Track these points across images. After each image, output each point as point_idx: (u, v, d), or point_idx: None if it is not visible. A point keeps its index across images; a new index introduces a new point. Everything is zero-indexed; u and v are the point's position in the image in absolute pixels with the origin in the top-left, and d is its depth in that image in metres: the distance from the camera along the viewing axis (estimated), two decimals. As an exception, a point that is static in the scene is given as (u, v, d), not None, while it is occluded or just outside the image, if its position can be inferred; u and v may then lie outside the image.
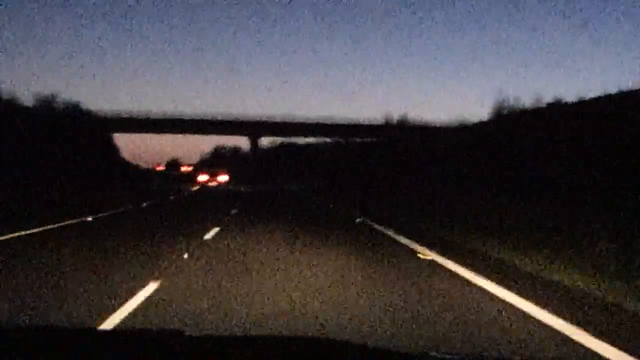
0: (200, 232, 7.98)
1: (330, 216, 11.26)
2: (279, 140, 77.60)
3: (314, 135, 65.55)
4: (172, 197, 19.38)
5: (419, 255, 5.64)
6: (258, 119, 64.19)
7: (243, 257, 5.88)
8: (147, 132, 62.52)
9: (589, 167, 11.83)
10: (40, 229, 8.82)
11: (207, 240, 7.45)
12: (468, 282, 4.21)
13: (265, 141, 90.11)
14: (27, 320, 3.35)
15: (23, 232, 8.15)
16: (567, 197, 11.28)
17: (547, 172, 14.05)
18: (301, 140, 71.95)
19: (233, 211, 13.18)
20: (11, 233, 8.00)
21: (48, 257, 5.98)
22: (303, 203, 17.52)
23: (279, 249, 6.30)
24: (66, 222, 10.00)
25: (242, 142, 75.16)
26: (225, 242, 7.05)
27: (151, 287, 4.17)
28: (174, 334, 1.50)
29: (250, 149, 69.32)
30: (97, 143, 37.25)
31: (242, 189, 31.95)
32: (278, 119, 63.93)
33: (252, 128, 64.55)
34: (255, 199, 21.12)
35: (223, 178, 46.39)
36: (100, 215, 11.36)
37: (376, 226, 8.58)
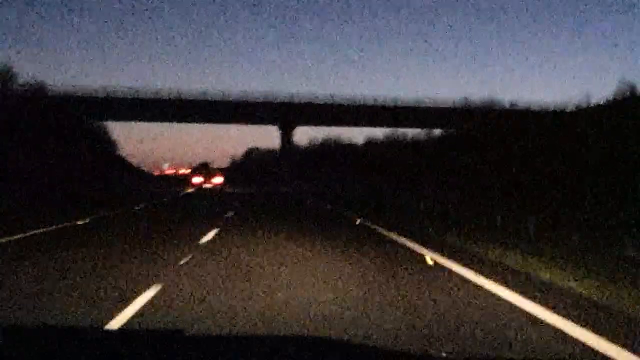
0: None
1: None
2: (317, 138, 77.54)
3: (367, 124, 62.76)
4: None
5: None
6: (291, 100, 60.80)
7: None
8: (139, 119, 60.08)
9: None
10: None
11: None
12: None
13: (303, 139, 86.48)
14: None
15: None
16: None
17: None
18: (350, 132, 65.85)
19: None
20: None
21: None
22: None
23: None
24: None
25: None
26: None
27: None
28: (174, 334, 1.96)
29: (281, 145, 65.82)
30: (73, 133, 39.20)
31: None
32: (319, 101, 60.89)
33: (284, 113, 61.30)
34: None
35: (217, 180, 57.59)
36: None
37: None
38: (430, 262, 8.04)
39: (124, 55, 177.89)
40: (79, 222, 14.16)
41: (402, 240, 10.92)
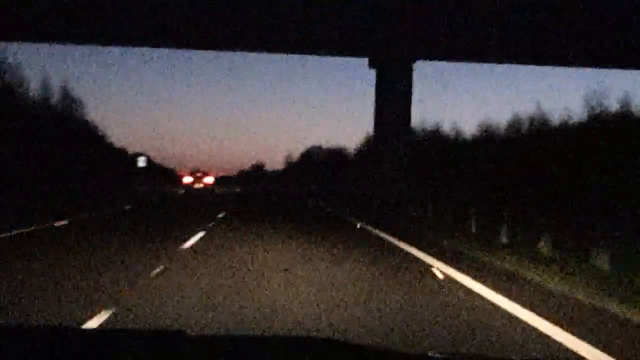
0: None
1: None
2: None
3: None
4: None
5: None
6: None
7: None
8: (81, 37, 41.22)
9: None
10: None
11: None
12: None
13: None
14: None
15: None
16: None
17: None
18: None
19: None
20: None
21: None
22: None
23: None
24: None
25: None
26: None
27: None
28: (174, 334, 2.45)
29: (377, 112, 39.96)
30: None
31: None
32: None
33: (383, 28, 37.23)
34: None
35: (208, 180, 68.41)
36: None
37: None
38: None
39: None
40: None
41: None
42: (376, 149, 40.96)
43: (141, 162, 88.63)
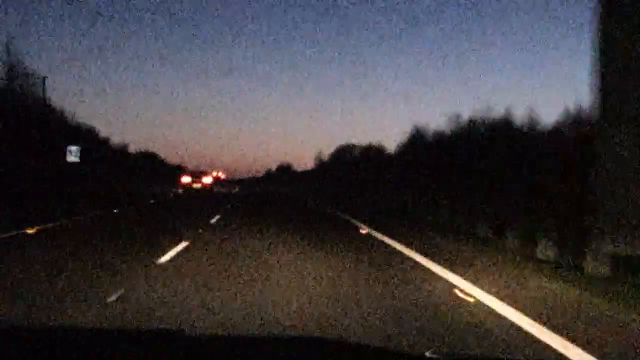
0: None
1: None
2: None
3: None
4: None
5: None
6: None
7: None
8: None
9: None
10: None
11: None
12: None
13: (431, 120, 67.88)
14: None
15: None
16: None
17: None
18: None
19: None
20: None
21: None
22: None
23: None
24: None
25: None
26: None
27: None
28: (174, 334, 2.58)
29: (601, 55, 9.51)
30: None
31: None
32: None
33: None
34: None
35: (207, 180, 69.89)
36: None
37: None
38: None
39: None
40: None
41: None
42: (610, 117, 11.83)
43: (72, 155, 67.89)
